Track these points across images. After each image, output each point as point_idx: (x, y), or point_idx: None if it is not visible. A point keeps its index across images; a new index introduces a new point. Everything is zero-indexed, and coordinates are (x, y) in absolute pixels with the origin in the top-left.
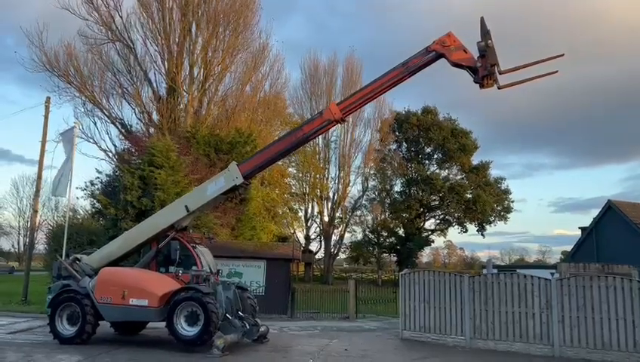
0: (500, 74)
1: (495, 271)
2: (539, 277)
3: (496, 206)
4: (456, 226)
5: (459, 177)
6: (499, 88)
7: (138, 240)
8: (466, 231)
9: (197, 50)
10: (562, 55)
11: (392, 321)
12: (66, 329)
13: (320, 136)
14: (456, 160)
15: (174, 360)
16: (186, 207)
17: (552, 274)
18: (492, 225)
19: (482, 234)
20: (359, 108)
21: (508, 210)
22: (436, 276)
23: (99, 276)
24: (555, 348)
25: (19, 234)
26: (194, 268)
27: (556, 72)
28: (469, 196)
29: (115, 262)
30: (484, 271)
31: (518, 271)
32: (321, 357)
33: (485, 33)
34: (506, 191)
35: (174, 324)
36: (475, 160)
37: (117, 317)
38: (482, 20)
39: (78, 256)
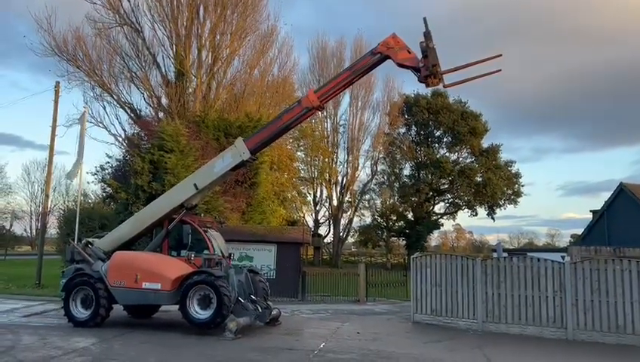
0: (441, 74)
1: (505, 254)
2: (552, 261)
3: (507, 189)
4: (466, 210)
5: (469, 160)
6: (444, 87)
7: (149, 220)
8: (476, 214)
9: (205, 33)
10: (500, 55)
11: (402, 305)
12: (80, 312)
13: (328, 120)
14: (466, 143)
15: (187, 343)
16: (194, 185)
17: (563, 257)
18: (502, 208)
19: (492, 218)
20: (335, 96)
21: (518, 193)
22: (448, 259)
23: (112, 260)
24: (568, 332)
25: (31, 218)
26: (206, 251)
27: (499, 70)
28: (479, 179)
29: (127, 245)
30: (494, 254)
31: (528, 254)
32: (333, 340)
33: (427, 34)
34: (517, 175)
35: (187, 307)
36: (485, 143)
37: (130, 301)
38: (425, 21)
39: (90, 239)
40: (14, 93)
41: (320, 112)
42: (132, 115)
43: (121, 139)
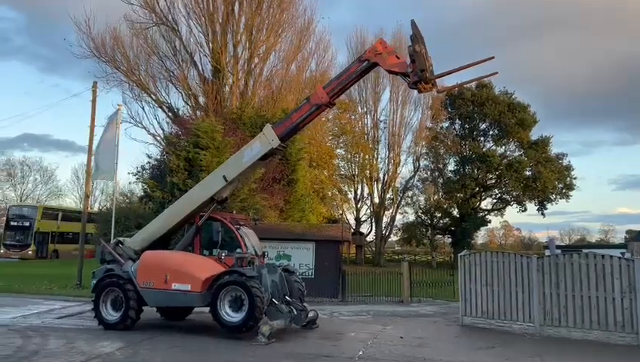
0: (432, 80)
1: (558, 251)
2: (619, 257)
3: (558, 183)
4: (515, 205)
5: (517, 154)
6: (437, 92)
7: (179, 216)
8: (525, 210)
9: (240, 29)
10: (493, 58)
11: (449, 306)
12: (110, 314)
13: (368, 116)
14: (514, 135)
15: (217, 348)
16: (224, 176)
17: (622, 253)
18: (553, 203)
19: (543, 214)
20: (345, 91)
21: (570, 187)
22: (499, 257)
23: (141, 260)
24: None
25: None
26: (238, 250)
27: (496, 73)
28: (528, 173)
29: (160, 243)
30: (547, 251)
31: (583, 251)
32: (374, 346)
33: (413, 38)
34: (568, 168)
35: (218, 310)
36: (534, 135)
37: (160, 303)
38: (412, 24)
39: (121, 238)
40: (69, 100)
41: (329, 108)
42: (170, 114)
43: (160, 139)
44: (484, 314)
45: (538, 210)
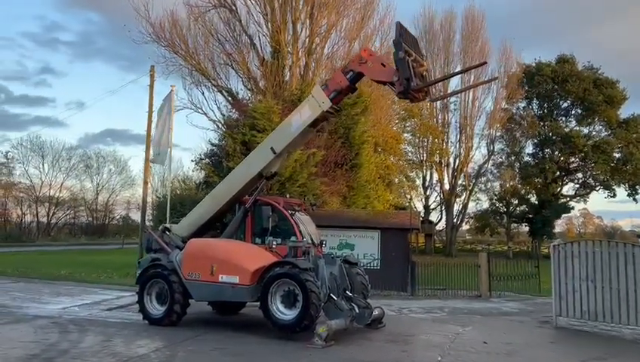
0: (424, 88)
1: None
2: None
3: None
4: (601, 190)
5: (604, 134)
6: (430, 101)
7: (226, 196)
8: (615, 195)
9: (300, 6)
10: (485, 63)
11: (535, 302)
12: (156, 308)
13: None
14: (601, 114)
15: (266, 351)
16: (272, 148)
17: None
18: None
19: (634, 199)
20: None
21: None
22: (604, 247)
23: (186, 248)
24: None
25: (152, 208)
26: (292, 238)
27: (497, 78)
28: (617, 155)
29: (208, 227)
30: None
31: None
32: (452, 353)
33: (397, 42)
34: None
35: (269, 306)
36: (623, 113)
37: (206, 296)
38: (397, 27)
39: (168, 225)
40: (146, 96)
41: (352, 93)
42: (229, 98)
43: (220, 125)
44: (584, 314)
45: (629, 195)
